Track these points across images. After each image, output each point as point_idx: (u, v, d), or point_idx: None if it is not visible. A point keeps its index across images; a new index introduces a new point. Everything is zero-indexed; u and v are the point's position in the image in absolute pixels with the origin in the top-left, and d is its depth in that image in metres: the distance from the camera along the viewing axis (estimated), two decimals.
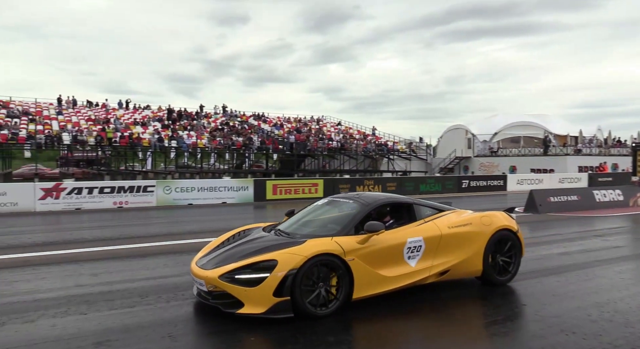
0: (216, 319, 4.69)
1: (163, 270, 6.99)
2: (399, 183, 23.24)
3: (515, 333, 4.46)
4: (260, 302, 4.47)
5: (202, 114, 41.54)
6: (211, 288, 4.75)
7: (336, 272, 4.74)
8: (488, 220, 5.93)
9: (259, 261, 4.62)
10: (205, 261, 5.11)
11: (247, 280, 4.53)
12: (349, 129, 47.54)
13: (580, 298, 5.55)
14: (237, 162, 35.60)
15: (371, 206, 5.55)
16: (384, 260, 5.10)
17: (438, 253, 5.51)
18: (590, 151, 36.32)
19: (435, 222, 5.72)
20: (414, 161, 41.07)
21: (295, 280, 4.48)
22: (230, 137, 35.08)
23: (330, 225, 5.47)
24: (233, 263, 4.74)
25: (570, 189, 17.34)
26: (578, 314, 4.95)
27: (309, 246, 4.73)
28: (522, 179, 27.50)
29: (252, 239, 5.37)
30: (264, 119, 44.11)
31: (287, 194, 19.92)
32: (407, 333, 4.53)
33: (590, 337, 4.27)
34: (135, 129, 33.68)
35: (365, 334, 4.51)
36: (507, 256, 6.02)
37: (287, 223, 5.92)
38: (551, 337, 4.28)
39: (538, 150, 37.03)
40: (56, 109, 36.52)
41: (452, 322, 4.79)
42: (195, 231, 11.15)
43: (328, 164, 39.44)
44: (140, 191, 17.08)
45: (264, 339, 4.25)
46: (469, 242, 5.69)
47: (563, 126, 41.16)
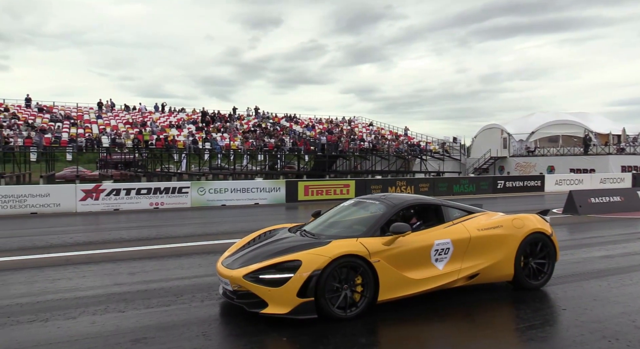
0: (248, 319, 4.75)
1: (197, 270, 7.14)
2: (432, 184, 22.91)
3: (553, 338, 4.31)
4: (284, 302, 4.46)
5: (234, 116, 42.18)
6: (236, 288, 4.78)
7: (361, 274, 4.68)
8: (520, 223, 5.77)
9: (283, 261, 4.61)
10: (231, 261, 5.15)
11: (271, 280, 4.53)
12: (381, 129, 47.25)
13: (623, 303, 5.32)
14: (270, 164, 35.95)
15: (398, 207, 5.49)
16: (410, 262, 5.02)
17: (467, 256, 5.38)
18: (635, 150, 34.76)
19: (464, 224, 5.60)
20: (447, 161, 40.40)
21: (319, 281, 4.46)
22: (262, 138, 35.48)
23: (356, 226, 5.42)
24: (258, 263, 4.76)
25: (613, 189, 16.66)
26: (621, 320, 4.75)
27: (333, 247, 4.70)
28: (561, 179, 26.63)
29: (277, 240, 5.39)
30: (295, 120, 44.39)
31: (318, 195, 19.97)
32: (440, 335, 4.45)
33: (635, 344, 4.08)
34: (171, 131, 34.54)
35: (396, 336, 4.43)
36: (540, 259, 5.85)
37: (313, 224, 5.92)
38: (592, 343, 4.12)
39: (578, 149, 35.75)
40: (96, 113, 37.88)
41: (486, 326, 4.68)
42: (228, 231, 11.33)
43: (360, 165, 39.29)
44: (175, 192, 17.49)
45: (295, 339, 4.27)
46: (500, 245, 5.55)
47: (605, 124, 39.60)
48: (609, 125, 39.22)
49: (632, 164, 32.30)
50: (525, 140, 39.98)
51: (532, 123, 41.30)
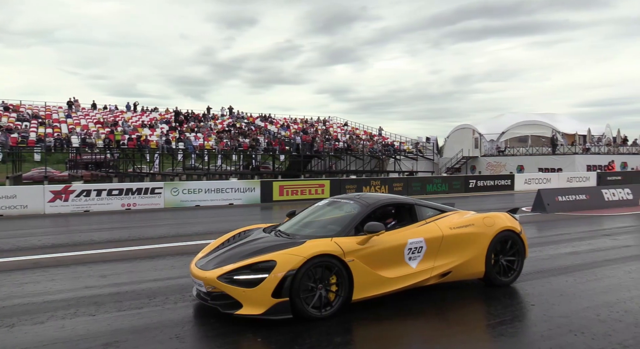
0: (222, 320, 4.71)
1: (171, 271, 7.03)
2: (406, 183, 23.17)
3: (523, 333, 4.42)
4: (259, 303, 4.45)
5: (209, 116, 41.70)
6: (210, 289, 4.73)
7: (336, 273, 4.70)
8: (490, 221, 5.88)
9: (257, 262, 4.59)
10: (205, 262, 5.09)
11: (246, 281, 4.51)
12: (356, 129, 47.51)
13: (589, 297, 5.50)
14: (244, 164, 35.69)
15: (372, 206, 5.50)
16: (384, 261, 5.05)
17: (440, 254, 5.46)
18: (599, 149, 35.99)
19: (437, 223, 5.67)
20: (421, 161, 40.93)
21: (294, 281, 4.46)
22: (237, 138, 35.19)
23: (330, 226, 5.42)
24: (232, 264, 4.72)
25: (579, 188, 17.20)
26: (587, 314, 4.91)
27: (308, 247, 4.69)
28: (530, 178, 27.32)
29: (251, 240, 5.35)
30: (270, 120, 44.20)
31: (293, 195, 19.94)
32: (413, 333, 4.51)
33: (600, 337, 4.23)
34: (143, 131, 33.89)
35: (371, 334, 4.48)
36: (510, 257, 5.97)
37: (288, 224, 5.90)
38: (560, 337, 4.24)
39: (546, 149, 36.76)
40: (65, 112, 36.83)
41: (458, 323, 4.76)
42: (202, 232, 11.20)
43: (334, 165, 39.40)
44: (148, 193, 17.18)
45: (270, 340, 4.25)
46: (471, 243, 5.65)
47: (571, 125, 40.83)
48: (575, 125, 40.47)
49: (596, 164, 33.43)
50: (496, 140, 40.87)
51: (502, 123, 42.26)
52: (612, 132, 40.68)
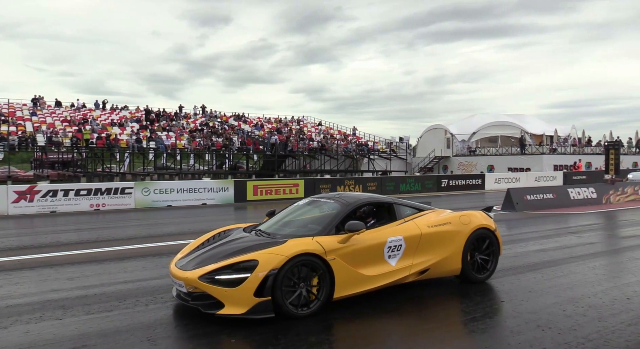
0: (196, 321, 4.65)
1: (142, 273, 6.89)
2: (380, 183, 23.37)
3: (493, 329, 4.52)
4: (240, 302, 4.44)
5: (181, 115, 41.06)
6: (191, 289, 4.70)
7: (317, 272, 4.74)
8: (467, 219, 6.02)
9: (239, 261, 4.59)
10: (185, 262, 5.06)
11: (228, 281, 4.49)
12: (330, 129, 47.62)
13: (555, 293, 5.67)
14: (217, 163, 35.30)
15: (352, 205, 5.56)
16: (364, 259, 5.12)
17: (418, 252, 5.56)
18: (565, 150, 37.15)
19: (415, 221, 5.77)
20: (394, 160, 41.36)
21: (276, 280, 4.47)
22: (210, 137, 34.77)
23: (311, 225, 5.46)
24: (213, 264, 4.70)
25: (546, 187, 17.71)
26: (554, 309, 5.06)
27: (289, 246, 4.72)
28: (500, 177, 27.97)
29: (232, 240, 5.33)
30: (244, 119, 43.85)
31: (267, 194, 19.84)
32: (388, 331, 4.52)
33: (565, 332, 4.36)
34: (113, 130, 33.11)
35: (346, 333, 4.54)
36: (485, 254, 6.13)
37: (268, 223, 5.91)
38: (528, 333, 4.36)
39: (515, 149, 37.70)
40: (30, 109, 35.63)
41: (433, 320, 4.84)
42: (175, 233, 11.02)
43: (309, 165, 39.41)
44: (117, 193, 16.80)
45: (245, 340, 4.22)
46: (448, 241, 5.77)
47: (539, 126, 42.03)
48: (543, 126, 41.69)
49: (563, 163, 34.50)
50: (467, 140, 41.70)
51: (473, 124, 43.15)
52: (577, 133, 42.08)
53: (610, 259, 7.71)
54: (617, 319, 4.69)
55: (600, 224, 12.27)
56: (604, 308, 5.12)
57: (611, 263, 7.42)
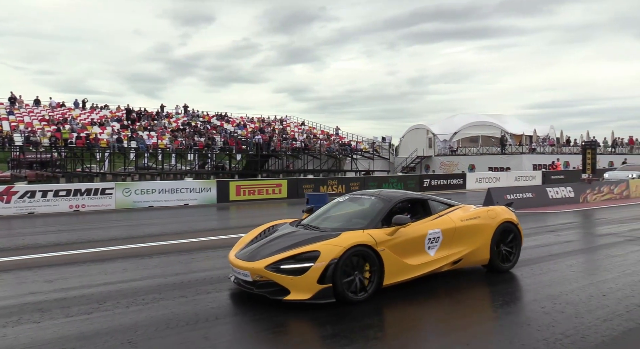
0: (174, 324, 4.60)
1: (122, 274, 6.79)
2: (362, 183, 23.46)
3: (472, 327, 4.58)
4: (305, 289, 4.91)
5: (162, 115, 40.59)
6: (257, 278, 5.13)
7: (369, 261, 5.21)
8: (493, 213, 6.60)
9: (302, 252, 5.04)
10: (245, 254, 5.49)
11: (293, 269, 4.96)
12: (313, 129, 47.61)
13: (534, 291, 5.78)
14: (200, 163, 34.99)
15: (393, 201, 6.04)
16: (408, 250, 5.63)
17: (453, 244, 6.07)
18: (544, 149, 37.83)
19: (449, 215, 6.28)
20: (377, 160, 41.57)
21: (336, 269, 4.94)
22: (192, 137, 34.44)
23: (355, 219, 5.96)
24: (277, 254, 5.14)
25: (525, 186, 18.01)
26: (533, 307, 5.15)
27: (345, 238, 5.18)
28: (481, 177, 28.34)
29: (286, 234, 5.73)
30: (227, 119, 43.54)
31: (250, 195, 19.75)
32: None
33: (544, 328, 4.44)
34: (93, 129, 32.55)
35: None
36: (510, 245, 6.66)
37: (311, 218, 6.36)
38: (507, 330, 4.43)
39: (495, 149, 38.23)
40: (7, 109, 34.79)
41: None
42: (156, 233, 10.88)
43: (292, 165, 39.36)
44: (98, 194, 16.52)
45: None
46: (478, 233, 6.30)
47: (518, 126, 42.69)
48: (522, 126, 42.36)
49: (541, 163, 35.13)
50: (449, 140, 42.13)
51: (455, 124, 43.60)
52: (556, 133, 42.89)
53: (587, 256, 7.87)
54: (593, 315, 4.80)
55: (578, 222, 12.53)
56: (581, 304, 5.23)
57: (588, 261, 7.59)
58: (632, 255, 7.82)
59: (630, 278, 6.26)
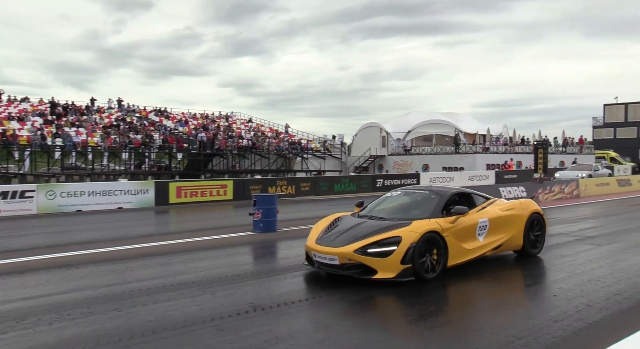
0: (110, 340, 4.41)
1: (45, 287, 6.43)
2: (314, 183, 23.54)
3: (430, 331, 4.70)
4: (390, 269, 6.00)
5: (93, 109, 38.95)
6: (346, 261, 6.15)
7: (436, 245, 6.33)
8: (525, 205, 7.99)
9: (385, 238, 6.12)
10: (327, 241, 6.50)
11: (379, 252, 6.04)
12: (261, 126, 47.32)
13: (486, 294, 6.01)
14: (136, 163, 33.86)
15: (447, 195, 7.21)
16: (464, 236, 6.81)
17: (496, 231, 7.29)
18: (497, 149, 39.54)
19: (491, 207, 7.55)
20: (329, 160, 41.87)
21: (414, 251, 6.05)
22: (127, 134, 33.27)
23: (414, 211, 7.07)
24: (362, 240, 6.18)
25: (479, 186, 18.73)
26: (485, 310, 5.37)
27: (419, 225, 6.30)
28: (435, 177, 29.19)
29: (359, 224, 6.74)
30: (166, 114, 42.41)
31: (193, 196, 19.31)
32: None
33: (497, 331, 4.62)
34: (11, 124, 30.71)
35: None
36: (536, 233, 8.00)
37: (368, 210, 7.43)
38: (461, 333, 4.58)
39: (449, 148, 39.53)
40: None
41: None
42: (85, 240, 10.39)
43: (238, 164, 38.90)
44: (16, 197, 15.58)
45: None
46: (515, 222, 7.61)
47: (472, 125, 44.35)
48: (476, 125, 44.06)
49: (495, 162, 36.70)
50: (403, 139, 43.12)
51: (408, 122, 44.68)
52: (509, 132, 44.95)
53: (538, 256, 8.28)
54: (545, 316, 5.05)
55: None
56: (533, 305, 5.50)
57: (539, 261, 7.98)
58: (582, 255, 8.30)
59: (579, 278, 6.65)
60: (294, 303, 5.53)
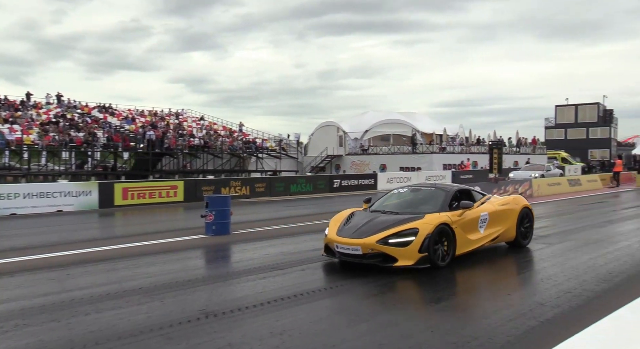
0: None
1: None
2: (269, 184, 23.42)
3: (384, 330, 4.76)
4: (409, 257, 6.87)
5: (29, 104, 37.23)
6: (369, 251, 6.98)
7: (446, 236, 7.22)
8: (517, 200, 9.14)
9: (404, 229, 6.99)
10: (348, 233, 7.29)
11: (399, 243, 6.91)
12: (213, 124, 46.64)
13: (440, 294, 6.16)
14: (77, 162, 32.63)
15: (452, 191, 8.19)
16: (469, 228, 7.74)
17: (494, 224, 8.27)
18: (454, 149, 40.66)
19: (490, 202, 8.56)
20: (285, 159, 41.80)
21: (430, 242, 6.91)
22: (67, 132, 32.00)
23: (423, 206, 7.92)
24: (382, 232, 7.02)
25: None
26: (442, 310, 5.50)
27: (433, 218, 7.19)
28: (392, 177, 29.70)
29: (375, 217, 7.58)
30: (111, 111, 41.08)
31: (140, 198, 18.78)
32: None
33: (453, 332, 4.75)
34: None
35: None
36: (526, 226, 9.07)
37: (378, 206, 8.29)
38: (418, 335, 4.67)
39: (407, 148, 40.31)
40: None
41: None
42: (20, 246, 9.90)
43: (189, 164, 38.19)
44: None
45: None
46: (509, 216, 8.64)
47: (429, 124, 45.44)
48: (433, 125, 45.17)
49: (451, 162, 37.74)
50: (360, 138, 43.61)
51: (366, 121, 45.23)
52: (465, 132, 46.32)
53: (491, 256, 8.57)
54: (499, 315, 5.23)
55: None
56: (488, 305, 5.69)
57: (492, 261, 8.27)
58: (535, 253, 8.67)
59: (532, 277, 6.94)
60: (248, 308, 5.49)
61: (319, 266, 7.63)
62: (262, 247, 9.57)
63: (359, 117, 47.75)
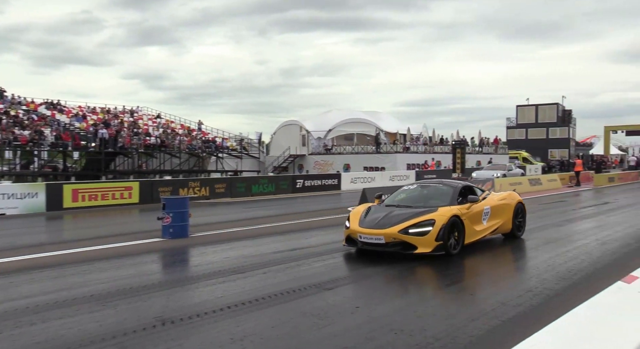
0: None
1: None
2: (229, 184, 23.17)
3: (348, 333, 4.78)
4: (427, 245, 7.85)
5: None
6: (391, 240, 7.92)
7: (456, 227, 8.26)
8: (513, 196, 10.32)
9: (422, 220, 7.99)
10: (370, 225, 8.25)
11: (418, 232, 7.89)
12: (171, 123, 45.78)
13: (407, 294, 6.25)
14: (22, 162, 31.44)
15: (459, 187, 9.27)
16: (474, 220, 8.83)
17: (494, 217, 9.36)
18: (417, 148, 41.35)
19: (490, 197, 9.69)
20: (246, 159, 41.49)
21: (444, 231, 7.91)
22: (11, 130, 30.76)
23: (433, 200, 8.93)
24: (402, 223, 8.01)
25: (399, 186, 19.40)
26: (406, 311, 5.57)
27: (446, 211, 8.23)
28: (356, 177, 29.93)
29: (392, 211, 8.54)
30: (60, 108, 39.73)
31: (92, 200, 18.22)
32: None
33: (416, 333, 4.82)
34: None
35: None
36: (520, 219, 10.20)
37: (391, 201, 9.33)
38: (382, 337, 4.71)
39: (370, 148, 40.71)
40: None
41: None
42: None
43: (145, 164, 37.39)
44: None
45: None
46: (506, 210, 9.76)
47: (393, 124, 46.06)
48: (397, 124, 45.81)
49: (415, 162, 38.36)
50: (323, 137, 43.78)
51: (329, 120, 45.45)
52: (428, 131, 47.18)
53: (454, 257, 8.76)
54: (463, 315, 5.35)
55: None
56: (452, 305, 5.80)
57: (454, 260, 8.45)
58: (497, 253, 8.95)
59: (495, 276, 7.13)
60: (207, 313, 5.41)
61: (281, 269, 7.60)
62: (222, 250, 9.46)
63: (323, 116, 47.92)
